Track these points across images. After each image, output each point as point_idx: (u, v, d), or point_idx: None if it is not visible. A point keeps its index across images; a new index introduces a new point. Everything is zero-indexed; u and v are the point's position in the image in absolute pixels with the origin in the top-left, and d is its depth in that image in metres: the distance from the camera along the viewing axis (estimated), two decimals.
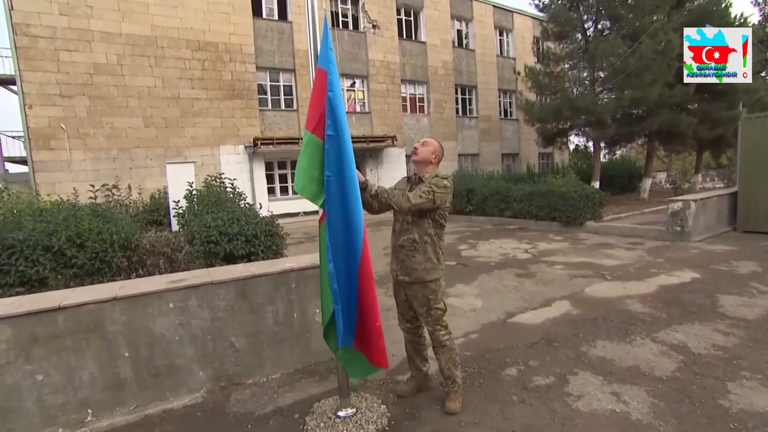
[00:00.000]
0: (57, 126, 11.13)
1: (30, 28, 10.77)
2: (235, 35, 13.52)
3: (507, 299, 4.90)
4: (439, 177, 2.50)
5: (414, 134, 17.28)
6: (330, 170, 1.97)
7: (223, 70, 13.35)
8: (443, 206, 2.50)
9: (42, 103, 10.96)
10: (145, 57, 12.19)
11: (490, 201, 12.08)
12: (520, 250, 7.80)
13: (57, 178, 11.13)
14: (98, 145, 11.67)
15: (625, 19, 12.56)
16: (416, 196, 2.37)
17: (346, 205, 1.98)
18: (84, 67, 11.42)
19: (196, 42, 12.91)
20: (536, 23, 19.51)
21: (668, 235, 8.04)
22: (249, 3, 13.77)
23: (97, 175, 11.38)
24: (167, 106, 12.54)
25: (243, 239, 3.77)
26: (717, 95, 13.76)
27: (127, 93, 11.99)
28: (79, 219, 3.84)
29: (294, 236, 7.86)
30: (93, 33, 11.52)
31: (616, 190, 15.66)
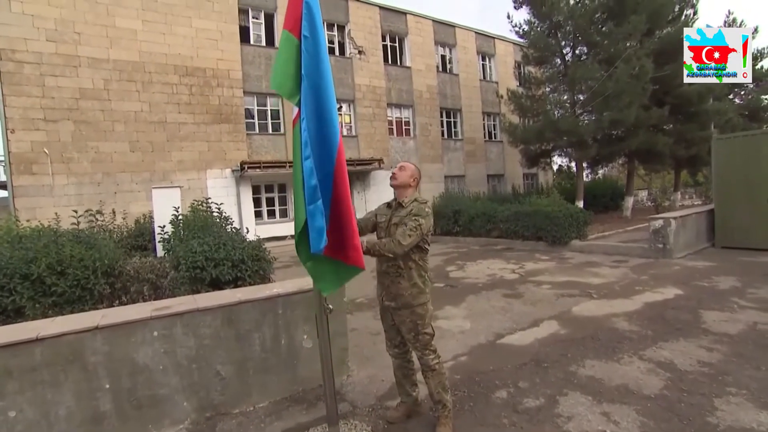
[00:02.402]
0: (40, 150, 10.98)
1: (16, 54, 10.74)
2: (223, 61, 13.67)
3: (495, 320, 4.90)
4: (419, 202, 2.51)
5: (401, 157, 17.47)
6: (306, 69, 1.94)
7: (211, 94, 13.43)
8: (427, 233, 2.52)
9: (25, 128, 10.84)
10: (132, 82, 12.22)
11: (477, 222, 12.18)
12: (507, 271, 7.84)
13: (38, 203, 10.90)
14: (82, 170, 11.52)
15: (600, 46, 13.10)
16: (405, 236, 2.37)
17: (320, 101, 1.93)
18: (70, 92, 11.38)
19: (183, 67, 13.01)
20: (517, 49, 20.17)
21: (651, 253, 8.19)
22: (237, 30, 14.00)
23: (80, 200, 11.19)
24: (154, 130, 12.50)
25: (229, 264, 3.73)
26: (690, 116, 14.34)
27: (114, 117, 11.94)
28: (60, 245, 3.77)
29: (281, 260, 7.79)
30: (80, 59, 11.53)
31: (599, 209, 15.99)
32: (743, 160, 8.31)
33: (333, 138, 1.95)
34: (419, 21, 18.65)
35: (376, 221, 2.67)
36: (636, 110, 12.17)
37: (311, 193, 1.91)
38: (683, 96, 13.67)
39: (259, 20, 14.74)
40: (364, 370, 3.64)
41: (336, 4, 16.14)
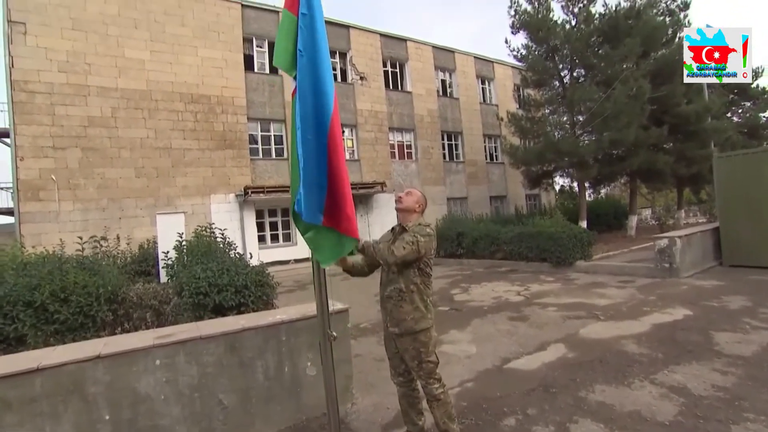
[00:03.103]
0: (47, 177, 11.13)
1: (28, 85, 11.03)
2: (228, 88, 13.97)
3: (502, 344, 4.81)
4: (422, 225, 2.52)
5: (403, 180, 17.58)
6: (302, 44, 1.97)
7: (215, 121, 13.67)
8: (428, 255, 2.50)
9: (34, 155, 11.02)
10: (139, 110, 12.48)
11: (481, 243, 12.13)
12: (512, 293, 7.76)
13: (43, 229, 10.97)
14: (88, 196, 11.64)
15: (597, 68, 13.34)
16: (400, 248, 2.36)
17: (316, 74, 1.96)
18: (78, 120, 11.61)
19: (189, 95, 13.29)
20: (516, 72, 20.56)
21: (657, 272, 8.10)
22: (241, 58, 14.36)
23: (85, 226, 11.25)
24: (159, 156, 12.68)
25: (233, 290, 3.71)
26: (689, 135, 14.43)
27: (120, 144, 12.14)
28: (64, 272, 3.76)
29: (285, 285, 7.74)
30: (90, 88, 11.82)
31: (603, 228, 15.91)
32: (745, 177, 8.31)
33: (328, 108, 1.98)
34: (419, 47, 19.10)
35: None
36: (635, 130, 12.29)
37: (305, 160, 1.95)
38: (681, 115, 13.81)
39: (263, 49, 15.13)
40: (368, 398, 3.56)
41: (338, 32, 16.58)
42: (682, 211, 17.74)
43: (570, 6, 13.71)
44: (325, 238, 2.10)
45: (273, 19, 15.08)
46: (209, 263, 3.94)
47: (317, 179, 1.98)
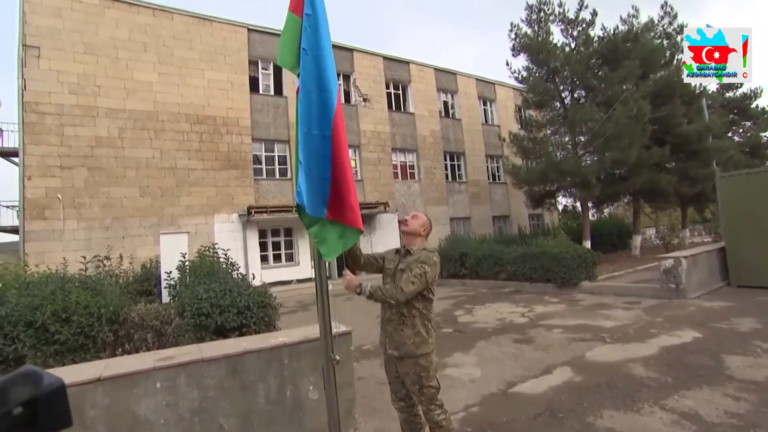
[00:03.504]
0: (54, 196, 11.23)
1: (39, 106, 11.27)
2: (233, 109, 14.21)
3: (507, 367, 4.72)
4: (428, 251, 2.54)
5: (405, 200, 17.64)
6: (306, 43, 2.03)
7: (220, 141, 13.86)
8: (432, 282, 2.51)
9: (41, 175, 11.16)
10: (145, 130, 12.68)
11: (484, 264, 12.06)
12: (517, 314, 7.66)
13: (47, 248, 11.01)
14: (93, 215, 11.72)
15: (598, 89, 13.53)
16: (408, 283, 2.38)
17: (320, 71, 2.01)
18: (86, 140, 11.80)
19: (195, 116, 13.52)
20: (517, 93, 20.83)
21: (664, 293, 7.99)
22: (247, 80, 14.65)
23: (88, 244, 11.29)
24: (164, 176, 12.81)
25: (235, 311, 3.68)
26: (691, 155, 14.50)
27: (126, 164, 12.29)
28: (66, 292, 3.75)
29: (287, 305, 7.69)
30: (98, 109, 12.06)
31: (607, 248, 15.81)
32: (749, 197, 8.29)
33: (331, 103, 2.01)
34: (421, 69, 19.45)
35: (383, 265, 2.68)
36: (637, 150, 12.36)
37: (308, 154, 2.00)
38: (683, 135, 13.90)
39: (268, 71, 15.46)
40: (371, 422, 3.48)
41: (342, 55, 16.94)
42: (686, 230, 17.65)
43: (569, 29, 13.99)
44: (330, 232, 2.11)
45: (278, 42, 15.43)
46: (211, 284, 3.93)
47: (321, 173, 2.00)
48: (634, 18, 14.31)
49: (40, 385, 0.69)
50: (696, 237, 20.27)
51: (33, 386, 0.68)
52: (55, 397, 0.70)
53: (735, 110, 19.91)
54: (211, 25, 14.23)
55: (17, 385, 0.68)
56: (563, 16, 13.87)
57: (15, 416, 0.66)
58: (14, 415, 0.65)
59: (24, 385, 0.68)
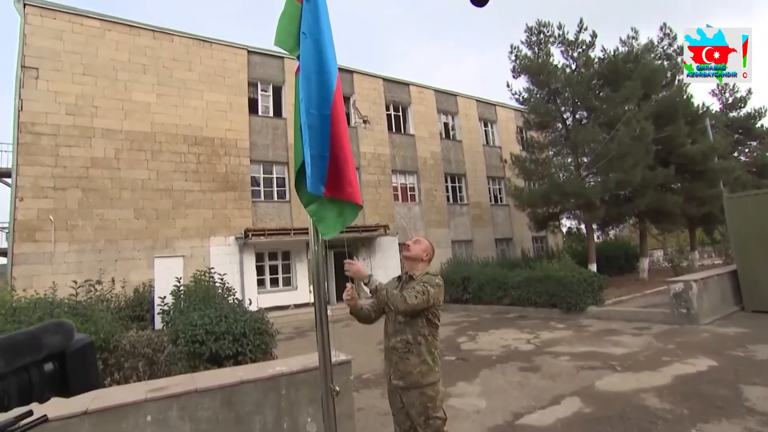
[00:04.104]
0: (45, 218, 11.22)
1: (35, 127, 11.39)
2: (232, 131, 14.38)
3: (512, 397, 4.62)
4: (431, 275, 2.54)
5: (406, 222, 17.65)
6: (306, 28, 2.12)
7: (218, 163, 13.96)
8: (436, 305, 2.50)
9: (34, 196, 11.18)
10: (142, 151, 12.79)
11: (487, 288, 11.97)
12: (522, 341, 7.56)
13: (36, 271, 10.91)
14: (85, 237, 11.68)
15: (600, 110, 13.75)
16: (411, 297, 2.37)
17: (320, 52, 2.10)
18: (81, 161, 11.88)
19: (193, 137, 13.66)
20: (518, 114, 21.15)
21: (675, 318, 7.90)
22: (246, 102, 14.88)
23: (79, 268, 11.20)
24: (160, 198, 12.84)
25: (230, 338, 3.63)
26: (697, 175, 14.61)
27: (121, 185, 12.34)
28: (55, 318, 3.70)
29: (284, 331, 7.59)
30: (95, 130, 12.19)
31: (614, 271, 15.73)
32: (760, 219, 8.29)
33: (330, 84, 2.11)
34: (422, 91, 19.80)
35: None
36: (641, 171, 12.46)
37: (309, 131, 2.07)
38: (687, 155, 14.04)
39: (268, 93, 15.72)
40: None
41: (342, 76, 16.94)
42: (695, 252, 17.59)
43: (569, 51, 14.34)
44: (328, 210, 2.18)
45: (278, 64, 15.79)
46: (207, 309, 3.88)
47: (320, 151, 2.06)
48: (634, 39, 14.69)
49: (71, 337, 0.71)
50: (706, 259, 20.19)
51: (64, 336, 0.71)
52: (83, 354, 0.72)
53: (740, 130, 20.17)
54: (211, 47, 14.55)
55: (50, 333, 0.70)
56: (563, 38, 14.24)
57: (47, 372, 0.68)
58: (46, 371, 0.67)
59: (56, 334, 0.70)
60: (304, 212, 8.65)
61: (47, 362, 0.69)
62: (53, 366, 0.69)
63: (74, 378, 0.71)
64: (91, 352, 0.74)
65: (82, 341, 0.73)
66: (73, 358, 0.71)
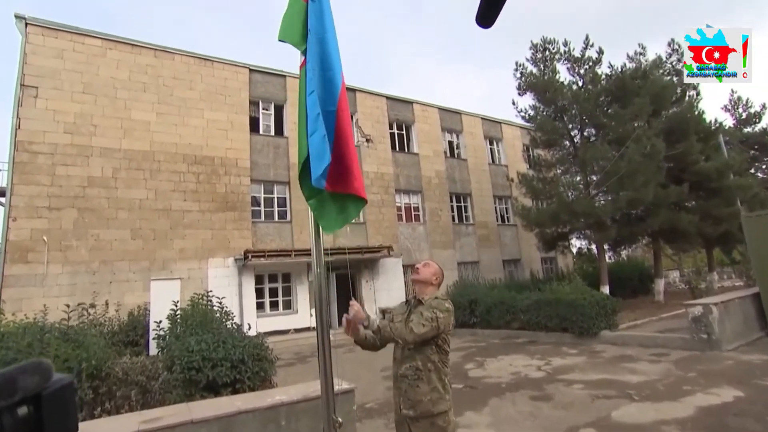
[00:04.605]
0: (39, 238, 11.24)
1: (32, 145, 11.54)
2: (232, 150, 14.53)
3: (524, 428, 4.50)
4: (440, 299, 2.52)
5: (410, 243, 17.60)
6: (311, 26, 2.27)
7: (218, 182, 14.05)
8: (446, 330, 2.47)
9: (28, 216, 11.23)
10: (140, 170, 12.90)
11: (495, 312, 11.83)
12: (532, 368, 7.41)
13: (27, 294, 10.86)
14: (79, 258, 11.67)
15: (608, 127, 13.81)
16: (419, 325, 2.34)
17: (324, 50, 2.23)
18: (78, 180, 11.98)
19: (192, 156, 13.80)
20: (524, 132, 21.30)
21: (695, 344, 7.73)
22: (247, 120, 15.08)
23: (72, 290, 11.16)
24: (158, 218, 12.89)
25: (228, 365, 3.57)
26: (712, 193, 14.53)
27: (118, 205, 12.40)
28: (45, 344, 3.66)
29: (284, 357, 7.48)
30: (93, 149, 12.33)
31: (627, 293, 15.52)
32: None
33: (336, 81, 2.22)
34: (425, 109, 20.04)
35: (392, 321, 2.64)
36: (653, 189, 12.42)
37: (314, 122, 2.13)
38: (701, 173, 14.00)
39: (269, 111, 15.94)
40: None
41: None
42: (714, 273, 17.37)
43: (576, 68, 14.52)
44: (329, 205, 2.24)
45: (279, 82, 16.06)
46: (204, 334, 3.83)
47: (322, 145, 2.11)
48: (641, 56, 14.84)
49: (48, 378, 0.69)
50: (726, 281, 19.88)
51: (41, 377, 0.69)
52: (60, 397, 0.70)
53: (755, 146, 20.21)
54: (213, 65, 14.85)
55: (26, 373, 0.68)
56: (569, 55, 14.44)
57: (20, 417, 0.65)
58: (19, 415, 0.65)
59: (33, 375, 0.68)
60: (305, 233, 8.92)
61: (21, 405, 0.66)
62: (27, 410, 0.66)
63: (50, 422, 0.68)
64: (70, 393, 0.72)
65: (60, 382, 0.71)
66: (50, 401, 0.68)
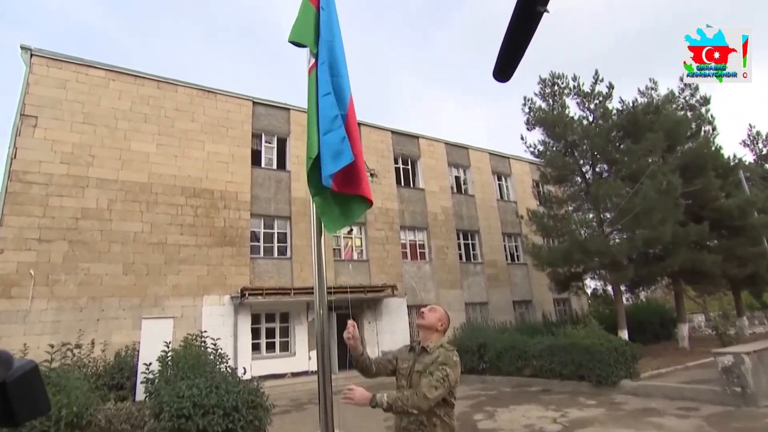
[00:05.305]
0: (25, 272, 11.12)
1: (27, 175, 11.66)
2: (232, 183, 14.65)
3: None
4: (446, 350, 2.50)
5: (415, 282, 17.40)
6: (322, 33, 2.53)
7: (216, 216, 14.08)
8: (454, 385, 2.44)
9: (16, 248, 11.18)
10: (137, 203, 12.97)
11: (506, 357, 11.52)
12: (547, 420, 7.12)
13: (6, 332, 10.55)
14: (66, 293, 11.52)
15: (621, 162, 13.89)
16: (431, 389, 2.31)
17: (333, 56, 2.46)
18: (71, 212, 12.01)
19: (191, 189, 13.90)
20: (534, 167, 21.46)
21: (727, 398, 7.38)
22: (249, 153, 15.30)
23: (56, 328, 10.94)
24: (152, 252, 12.83)
25: (221, 412, 3.40)
26: (736, 231, 14.37)
27: (112, 238, 12.37)
28: None
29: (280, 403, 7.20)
30: (89, 179, 12.45)
31: (648, 338, 15.13)
32: None
33: (344, 87, 2.45)
34: (431, 144, 20.32)
35: (396, 366, 2.63)
36: (671, 227, 12.30)
37: (331, 122, 2.30)
38: (722, 210, 13.92)
39: (272, 144, 16.21)
40: None
41: None
42: (744, 318, 16.95)
43: (585, 102, 14.79)
44: (333, 204, 2.38)
45: (283, 115, 16.43)
46: (196, 378, 3.69)
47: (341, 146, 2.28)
48: (653, 90, 15.15)
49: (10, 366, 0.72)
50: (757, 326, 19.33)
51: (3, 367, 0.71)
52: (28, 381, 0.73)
53: None
54: (216, 97, 15.23)
55: None
56: (578, 90, 14.75)
57: None
58: None
59: None
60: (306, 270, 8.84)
61: None
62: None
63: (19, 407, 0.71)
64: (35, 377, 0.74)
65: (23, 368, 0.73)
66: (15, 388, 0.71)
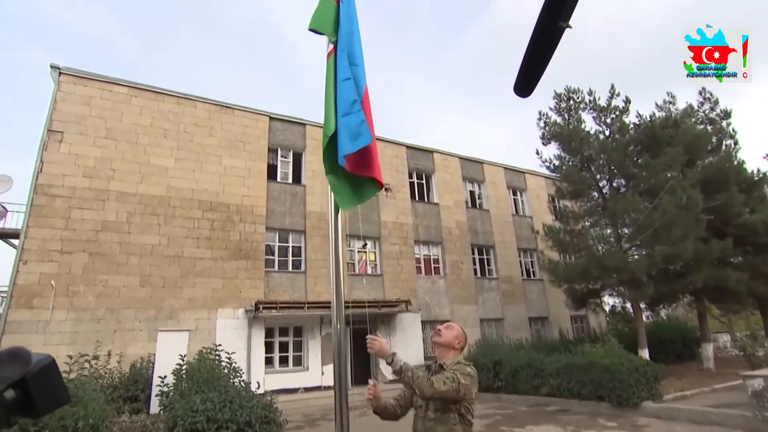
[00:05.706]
0: (47, 283, 11.37)
1: (51, 189, 12.02)
2: (248, 197, 14.84)
3: None
4: (462, 364, 2.44)
5: (429, 298, 17.25)
6: (342, 23, 2.66)
7: (232, 230, 14.24)
8: (468, 398, 2.35)
9: (38, 259, 11.46)
10: (155, 216, 13.22)
11: (522, 375, 11.28)
12: None
13: (27, 341, 10.77)
14: (85, 304, 11.72)
15: (639, 177, 13.65)
16: (440, 382, 2.25)
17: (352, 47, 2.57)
18: (92, 224, 12.30)
19: (208, 203, 14.12)
20: (549, 182, 21.28)
21: (758, 424, 7.01)
22: (265, 168, 15.50)
23: (74, 338, 11.14)
24: (168, 264, 13.01)
25: (234, 427, 3.38)
26: (762, 248, 13.89)
27: (130, 250, 12.60)
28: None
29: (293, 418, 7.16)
30: (110, 192, 12.77)
31: (670, 358, 14.66)
32: None
33: (360, 75, 2.53)
34: (446, 158, 20.33)
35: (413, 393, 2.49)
36: (693, 243, 11.97)
37: (351, 105, 2.38)
38: (746, 226, 13.52)
39: (288, 159, 16.41)
40: None
41: None
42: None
43: (602, 117, 14.64)
44: (345, 183, 2.43)
45: (299, 130, 16.65)
46: (210, 392, 3.68)
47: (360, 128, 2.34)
48: (671, 104, 14.92)
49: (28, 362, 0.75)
50: None
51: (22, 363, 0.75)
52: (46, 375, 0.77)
53: None
54: (233, 113, 15.54)
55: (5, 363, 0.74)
56: (594, 104, 14.63)
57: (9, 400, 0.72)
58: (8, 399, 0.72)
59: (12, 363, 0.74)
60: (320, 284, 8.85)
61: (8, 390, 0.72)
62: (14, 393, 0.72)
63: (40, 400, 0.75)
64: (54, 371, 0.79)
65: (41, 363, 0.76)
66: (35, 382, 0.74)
